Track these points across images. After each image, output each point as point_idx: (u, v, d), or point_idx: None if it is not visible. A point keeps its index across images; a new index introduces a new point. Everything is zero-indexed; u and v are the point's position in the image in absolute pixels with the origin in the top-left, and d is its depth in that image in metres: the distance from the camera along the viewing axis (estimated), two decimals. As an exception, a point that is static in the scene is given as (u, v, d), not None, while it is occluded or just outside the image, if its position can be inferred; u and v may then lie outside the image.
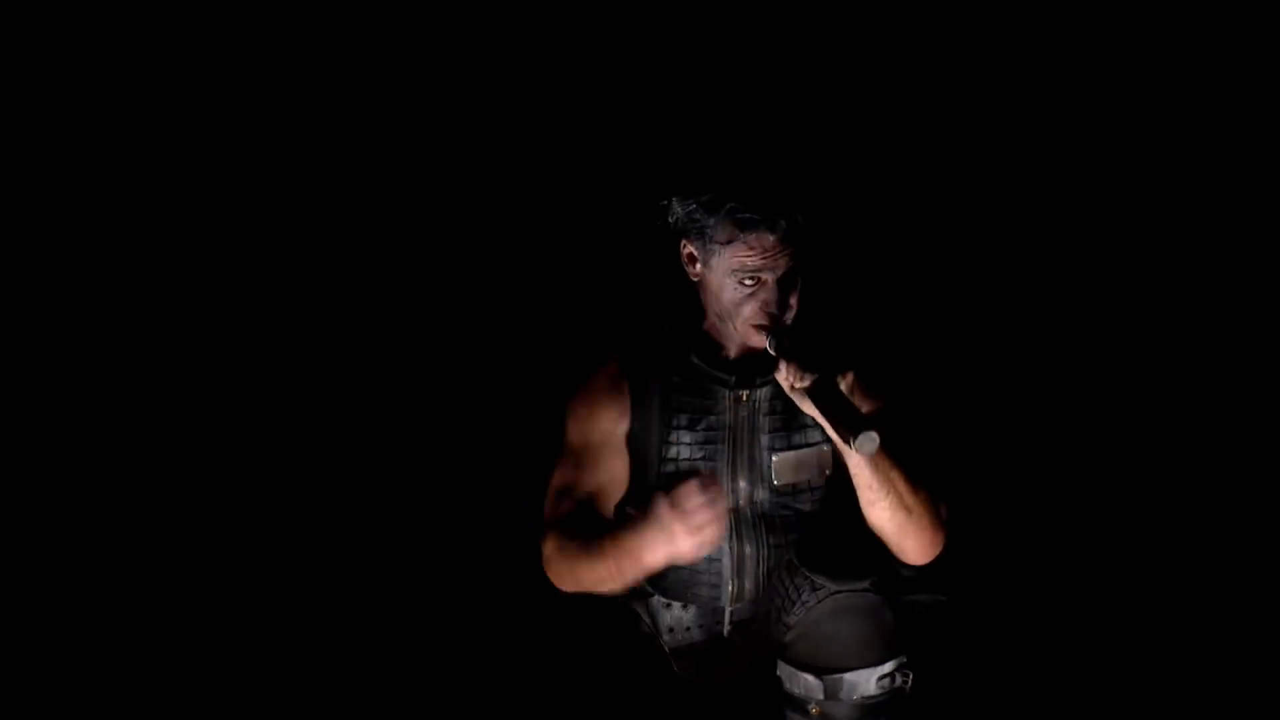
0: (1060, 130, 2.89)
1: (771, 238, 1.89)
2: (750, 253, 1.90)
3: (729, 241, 1.90)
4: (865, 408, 1.94)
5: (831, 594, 1.92)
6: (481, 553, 2.67)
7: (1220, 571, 2.66)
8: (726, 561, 2.02)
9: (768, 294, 1.92)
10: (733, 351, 2.03)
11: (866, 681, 1.90)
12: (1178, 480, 2.84)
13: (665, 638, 2.08)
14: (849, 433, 1.77)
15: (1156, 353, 2.90)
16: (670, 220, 1.98)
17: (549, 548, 2.02)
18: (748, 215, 1.89)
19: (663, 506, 1.81)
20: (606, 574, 1.93)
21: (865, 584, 1.92)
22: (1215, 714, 2.36)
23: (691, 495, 1.79)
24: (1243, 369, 2.86)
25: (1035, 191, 2.91)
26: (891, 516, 1.92)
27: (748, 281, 1.92)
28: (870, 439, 1.76)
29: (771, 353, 1.90)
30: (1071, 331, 2.91)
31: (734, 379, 2.01)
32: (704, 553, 1.86)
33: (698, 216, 1.93)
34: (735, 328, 1.96)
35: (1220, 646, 2.49)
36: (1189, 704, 2.38)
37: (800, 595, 1.93)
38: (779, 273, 1.91)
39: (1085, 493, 2.82)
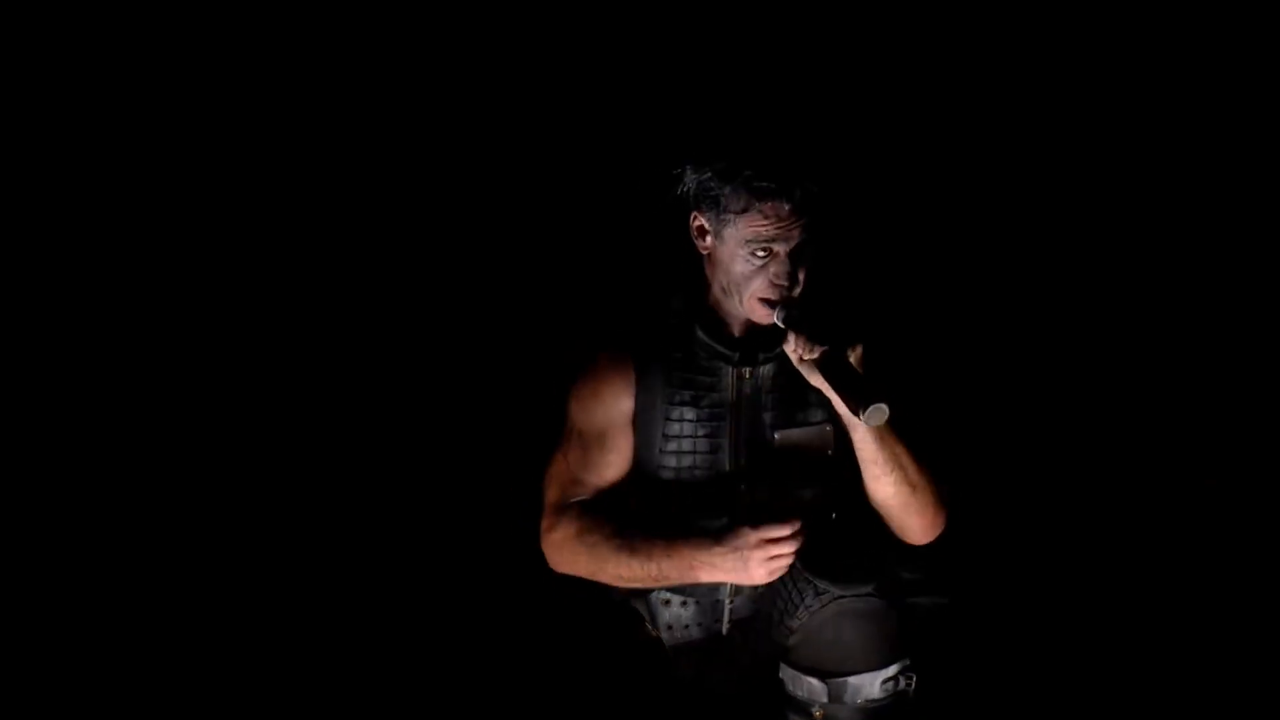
0: (1068, 123, 2.87)
1: (787, 207, 1.88)
2: (765, 222, 1.89)
3: (743, 211, 1.89)
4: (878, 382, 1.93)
5: (835, 598, 1.92)
6: (482, 552, 2.67)
7: (1220, 571, 2.67)
8: None
9: (778, 266, 1.90)
10: (736, 328, 2.02)
11: (870, 685, 1.91)
12: (1178, 480, 2.84)
13: (664, 635, 2.08)
14: (858, 404, 1.76)
15: (1157, 353, 2.90)
16: (681, 190, 1.97)
17: (562, 533, 2.04)
18: (764, 184, 1.88)
19: (748, 535, 1.90)
20: (642, 574, 1.98)
21: (868, 588, 1.92)
22: (1215, 714, 2.37)
23: (782, 530, 1.89)
24: (1243, 369, 2.86)
25: (1038, 192, 2.90)
26: (896, 492, 1.93)
27: (759, 253, 1.91)
28: (880, 410, 1.75)
29: (780, 325, 1.90)
30: (1072, 332, 2.91)
31: (738, 355, 2.00)
32: (768, 580, 1.93)
33: (711, 185, 1.92)
34: (742, 302, 1.95)
35: (1220, 646, 2.49)
36: (1190, 704, 2.38)
37: (803, 599, 1.94)
38: (791, 244, 1.90)
39: (1086, 493, 2.82)
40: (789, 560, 1.91)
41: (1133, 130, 2.87)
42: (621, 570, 1.99)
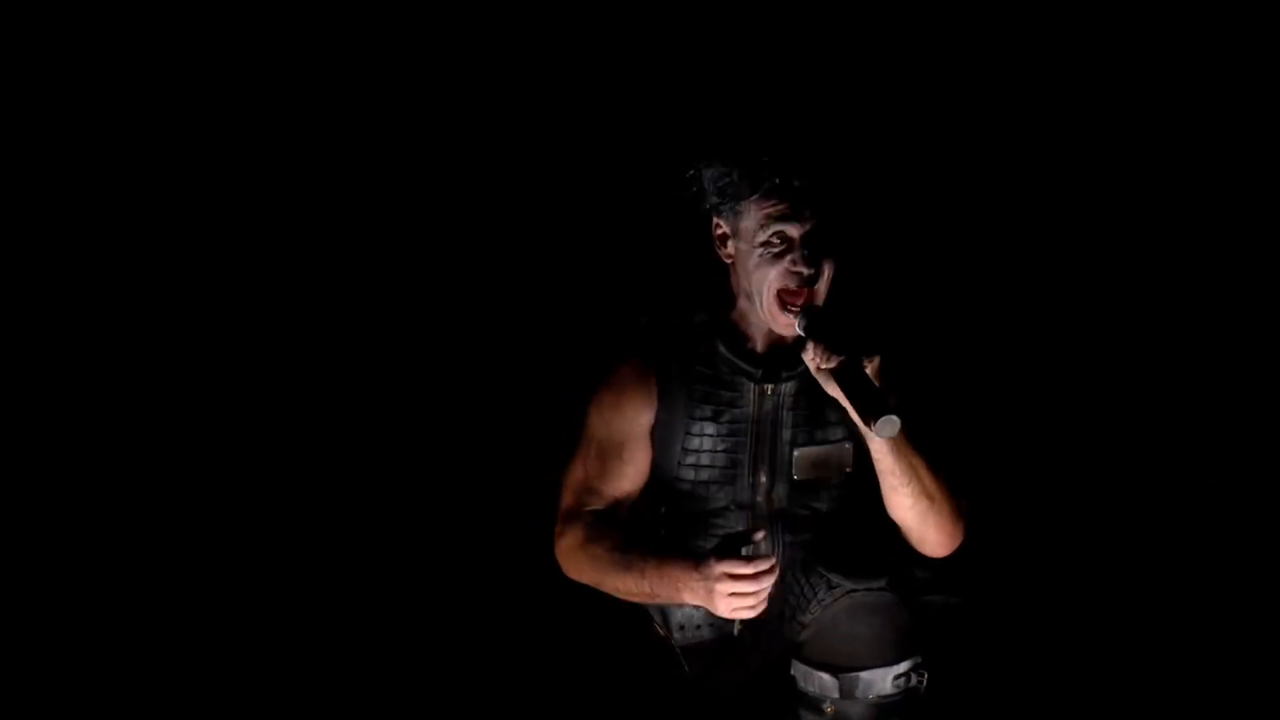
0: (1084, 137, 2.87)
1: (795, 184, 1.90)
2: (776, 203, 1.91)
3: (754, 192, 1.92)
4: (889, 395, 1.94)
5: (847, 592, 1.92)
6: (491, 553, 2.67)
7: (1220, 571, 2.67)
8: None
9: (795, 253, 1.91)
10: (760, 343, 2.03)
11: (882, 680, 1.90)
12: (1178, 480, 2.85)
13: (676, 635, 2.07)
14: (870, 415, 1.77)
15: (1157, 353, 2.90)
16: (699, 189, 1.98)
17: (570, 540, 2.05)
18: (770, 160, 1.91)
19: (713, 566, 1.87)
20: (638, 590, 1.98)
21: (881, 583, 1.92)
22: (1218, 713, 2.38)
23: (745, 568, 1.86)
24: (1243, 369, 2.87)
25: (1040, 195, 2.90)
26: (913, 504, 1.93)
27: (775, 240, 1.92)
28: (891, 423, 1.76)
29: (800, 333, 1.90)
30: (1072, 333, 2.91)
31: (760, 372, 2.01)
32: (740, 617, 1.92)
33: (724, 172, 1.94)
34: (764, 304, 1.95)
35: (1222, 646, 2.50)
36: (1193, 703, 2.39)
37: (816, 594, 1.94)
38: (805, 227, 1.91)
39: (1088, 494, 2.82)
40: (755, 601, 1.88)
41: (1138, 139, 2.87)
42: (619, 584, 2.01)
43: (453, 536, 2.77)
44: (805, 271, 1.91)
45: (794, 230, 1.91)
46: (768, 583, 1.88)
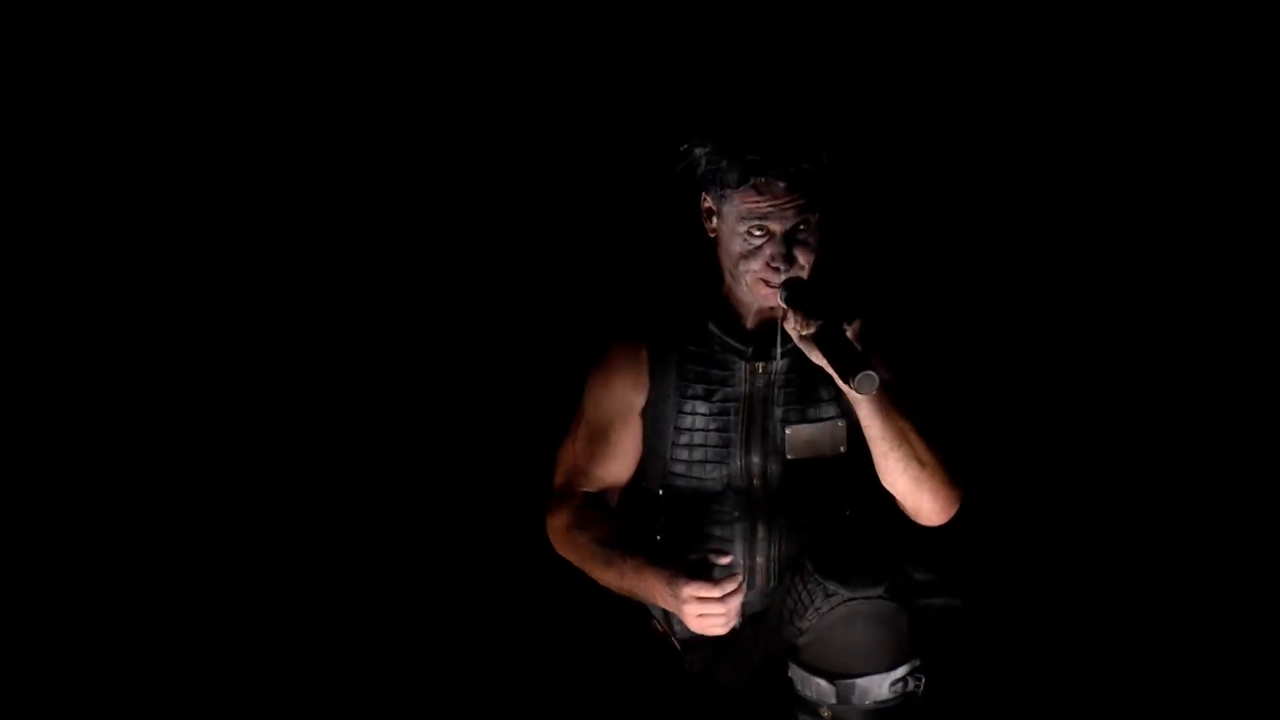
0: (1071, 117, 2.86)
1: (781, 185, 1.89)
2: (759, 200, 1.90)
3: (739, 185, 1.91)
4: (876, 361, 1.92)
5: (845, 600, 1.90)
6: (491, 553, 2.67)
7: (1220, 571, 2.67)
8: (738, 545, 2.03)
9: (774, 248, 1.91)
10: (749, 320, 2.03)
11: (879, 686, 1.90)
12: (1178, 480, 2.84)
13: (677, 629, 2.07)
14: (848, 372, 1.77)
15: (1157, 352, 2.90)
16: (690, 166, 1.98)
17: (559, 521, 2.10)
18: (757, 158, 1.89)
19: (681, 588, 1.91)
20: (616, 585, 2.03)
21: (879, 590, 1.90)
22: (1217, 714, 2.38)
23: (712, 591, 1.90)
24: (1243, 369, 2.87)
25: (1035, 191, 2.90)
26: (905, 469, 1.92)
27: (755, 232, 1.92)
28: (869, 378, 1.76)
29: (781, 304, 1.91)
30: (1071, 332, 2.91)
31: (751, 350, 2.01)
32: (710, 634, 1.95)
33: (713, 158, 1.93)
34: (746, 284, 1.95)
35: (1222, 646, 2.50)
36: (1193, 704, 2.39)
37: (813, 601, 1.92)
38: (787, 224, 1.91)
39: (1087, 493, 2.82)
40: (724, 620, 1.92)
41: (1138, 123, 2.86)
42: (598, 575, 2.05)
43: (453, 536, 2.77)
44: (783, 267, 1.91)
45: (775, 226, 1.91)
46: (736, 601, 1.92)
